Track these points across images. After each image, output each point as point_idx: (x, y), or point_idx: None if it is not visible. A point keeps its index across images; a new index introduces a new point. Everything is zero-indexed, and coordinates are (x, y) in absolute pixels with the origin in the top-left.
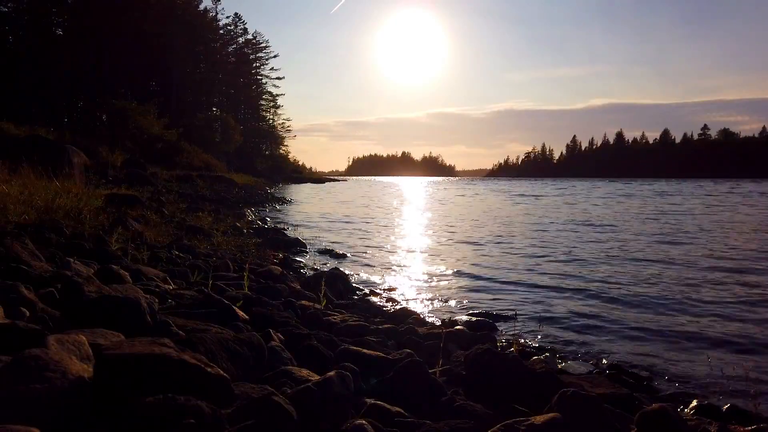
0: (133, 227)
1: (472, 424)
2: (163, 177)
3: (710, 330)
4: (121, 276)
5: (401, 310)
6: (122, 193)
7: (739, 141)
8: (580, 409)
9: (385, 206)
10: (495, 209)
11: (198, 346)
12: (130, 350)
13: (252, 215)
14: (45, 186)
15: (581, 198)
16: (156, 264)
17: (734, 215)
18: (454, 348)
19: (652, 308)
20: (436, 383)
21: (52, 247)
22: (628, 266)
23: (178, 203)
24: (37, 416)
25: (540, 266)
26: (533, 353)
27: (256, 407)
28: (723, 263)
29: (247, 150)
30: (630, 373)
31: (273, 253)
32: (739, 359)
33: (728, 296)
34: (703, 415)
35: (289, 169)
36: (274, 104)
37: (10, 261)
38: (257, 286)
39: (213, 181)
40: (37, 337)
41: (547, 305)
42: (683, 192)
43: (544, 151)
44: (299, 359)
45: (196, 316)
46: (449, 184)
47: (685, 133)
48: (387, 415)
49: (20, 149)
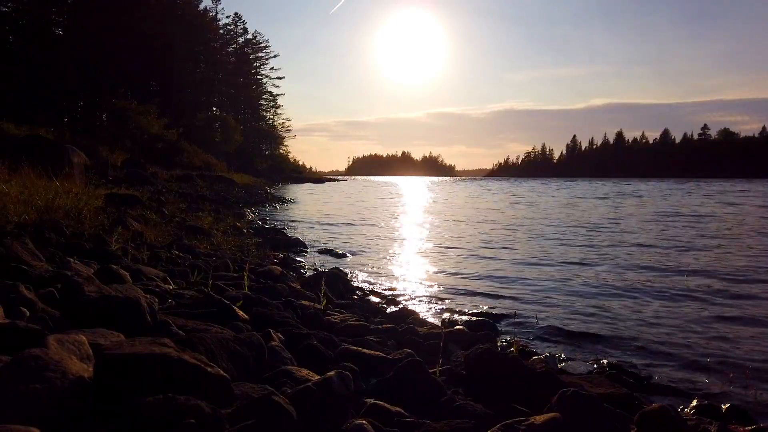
0: (133, 227)
1: (472, 424)
2: (163, 177)
3: (710, 330)
4: (121, 276)
5: (401, 310)
6: (122, 193)
7: (739, 141)
8: (580, 409)
9: (385, 206)
10: (495, 210)
11: (198, 346)
12: (130, 350)
13: (252, 215)
14: (45, 186)
15: (582, 198)
16: (156, 264)
17: (733, 215)
18: (454, 348)
19: (652, 308)
20: (436, 383)
21: (52, 247)
22: (628, 267)
23: (178, 203)
24: (37, 416)
25: (540, 266)
26: (533, 353)
27: (256, 407)
28: (724, 264)
29: (247, 150)
30: (630, 373)
31: (273, 253)
32: (739, 359)
33: (729, 296)
34: (703, 415)
35: (289, 169)
36: (274, 104)
37: (10, 261)
38: (257, 286)
39: (213, 181)
40: (37, 336)
41: (547, 305)
42: (683, 192)
43: (544, 151)
44: (299, 359)
45: (196, 316)
46: (450, 185)
47: (685, 133)
48: (387, 414)
49: (20, 149)
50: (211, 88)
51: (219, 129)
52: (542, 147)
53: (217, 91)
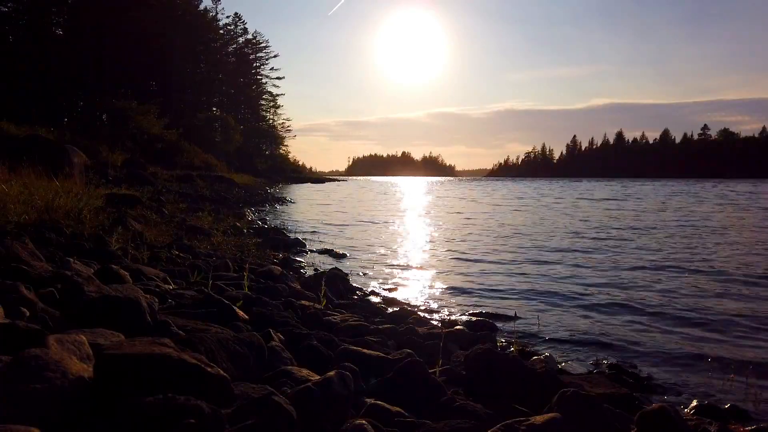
0: (133, 227)
1: (472, 424)
2: (163, 177)
3: (711, 330)
4: (121, 276)
5: (401, 310)
6: (122, 193)
7: (739, 141)
8: (580, 409)
9: (385, 206)
10: (496, 210)
11: (198, 346)
12: (130, 350)
13: (252, 215)
14: (45, 186)
15: (583, 198)
16: (156, 264)
17: (732, 215)
18: (454, 348)
19: (652, 309)
20: (436, 383)
21: (52, 247)
22: (628, 268)
23: (178, 203)
24: (37, 416)
25: (541, 267)
26: (533, 353)
27: (256, 407)
28: (724, 265)
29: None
30: (630, 373)
31: (273, 253)
32: (739, 359)
33: (729, 297)
34: (703, 415)
35: (289, 169)
36: (274, 104)
37: (10, 261)
38: (257, 286)
39: (213, 181)
40: (37, 336)
41: (547, 305)
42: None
43: (544, 151)
44: (299, 359)
45: (196, 316)
46: (450, 185)
47: (685, 133)
48: (387, 415)
49: (20, 149)
50: (211, 88)
51: (219, 129)
52: (542, 147)
53: (217, 91)
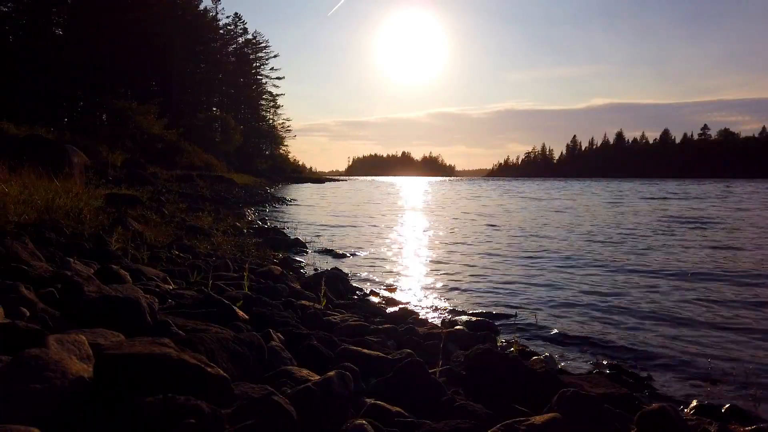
0: (133, 227)
1: (472, 424)
2: (163, 177)
3: (711, 330)
4: (121, 276)
5: (401, 310)
6: (122, 193)
7: (739, 141)
8: (579, 409)
9: (385, 206)
10: (496, 211)
11: (198, 346)
12: (130, 350)
13: (252, 215)
14: (45, 186)
15: (583, 199)
16: (156, 264)
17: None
18: (454, 348)
19: (653, 309)
20: (436, 383)
21: (52, 247)
22: (629, 268)
23: (178, 203)
24: (37, 416)
25: (541, 267)
26: (533, 353)
27: (256, 407)
28: (724, 266)
29: (247, 150)
30: (630, 373)
31: (273, 253)
32: (739, 360)
33: (729, 298)
34: (703, 415)
35: (289, 169)
36: (274, 104)
37: (10, 261)
38: (257, 286)
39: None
40: (37, 336)
41: (547, 305)
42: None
43: (544, 151)
44: (299, 359)
45: (196, 316)
46: (450, 185)
47: (685, 133)
48: (387, 415)
49: (20, 149)
50: (211, 88)
51: (219, 129)
52: (542, 147)
53: (217, 91)
